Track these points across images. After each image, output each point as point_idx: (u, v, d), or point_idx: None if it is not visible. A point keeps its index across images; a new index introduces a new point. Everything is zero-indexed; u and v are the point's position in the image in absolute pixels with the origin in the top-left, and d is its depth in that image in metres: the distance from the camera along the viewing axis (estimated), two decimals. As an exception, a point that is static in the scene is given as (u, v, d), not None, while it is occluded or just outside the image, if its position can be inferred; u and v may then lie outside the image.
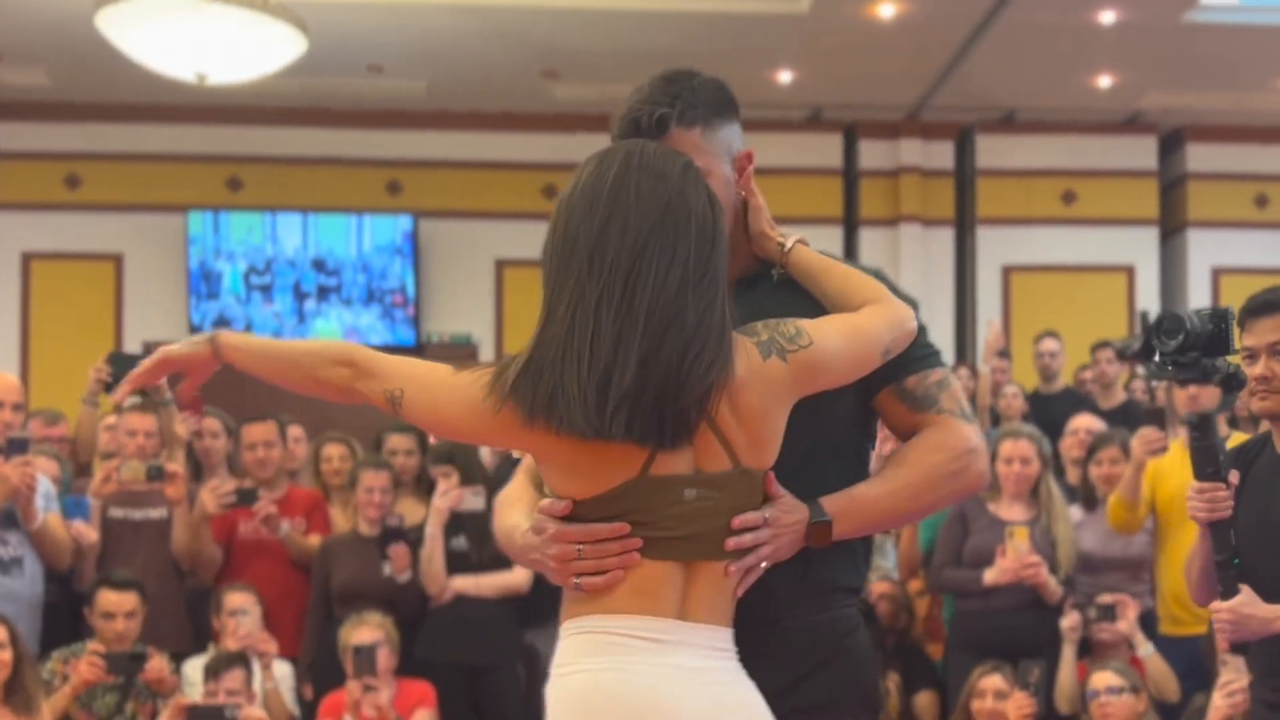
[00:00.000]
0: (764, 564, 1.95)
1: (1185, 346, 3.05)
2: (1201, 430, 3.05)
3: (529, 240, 9.45)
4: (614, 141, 2.04)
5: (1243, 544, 3.05)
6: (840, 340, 1.96)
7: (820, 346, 1.93)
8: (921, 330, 2.16)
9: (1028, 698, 4.55)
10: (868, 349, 2.00)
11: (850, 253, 9.68)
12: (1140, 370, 6.03)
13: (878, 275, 2.17)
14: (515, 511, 2.11)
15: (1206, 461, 3.04)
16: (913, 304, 2.15)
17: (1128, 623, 4.92)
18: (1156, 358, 3.14)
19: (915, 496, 2.09)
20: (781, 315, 1.99)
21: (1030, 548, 4.90)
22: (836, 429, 2.12)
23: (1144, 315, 3.30)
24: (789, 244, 2.16)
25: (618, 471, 1.88)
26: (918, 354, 2.14)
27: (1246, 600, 2.99)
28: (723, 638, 1.93)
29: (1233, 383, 3.17)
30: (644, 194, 1.86)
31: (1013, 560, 4.89)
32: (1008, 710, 4.65)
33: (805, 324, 1.96)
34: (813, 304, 2.11)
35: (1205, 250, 10.04)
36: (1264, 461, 3.19)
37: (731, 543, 1.90)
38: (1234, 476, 3.07)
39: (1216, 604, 3.06)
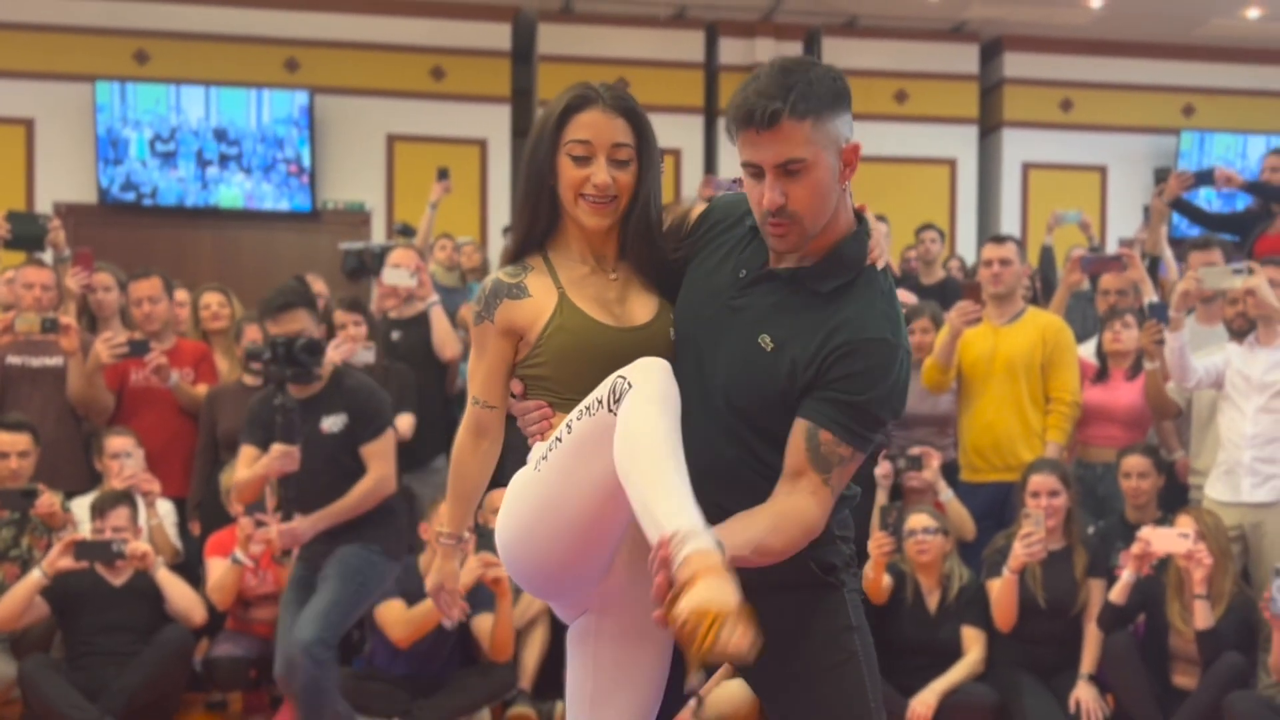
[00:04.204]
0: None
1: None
2: None
3: (418, 117, 9.22)
4: (727, 124, 2.06)
5: None
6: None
7: None
8: (873, 421, 1.94)
9: (887, 537, 4.48)
10: None
11: (710, 141, 9.46)
12: None
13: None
14: None
15: None
16: (894, 412, 1.98)
17: (932, 471, 4.89)
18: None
19: (762, 555, 1.88)
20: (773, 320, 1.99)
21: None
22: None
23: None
24: None
25: None
26: (852, 427, 1.93)
27: None
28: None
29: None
30: None
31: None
32: (869, 549, 4.48)
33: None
34: (811, 316, 1.98)
35: (1017, 147, 10.05)
36: None
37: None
38: None
39: None
